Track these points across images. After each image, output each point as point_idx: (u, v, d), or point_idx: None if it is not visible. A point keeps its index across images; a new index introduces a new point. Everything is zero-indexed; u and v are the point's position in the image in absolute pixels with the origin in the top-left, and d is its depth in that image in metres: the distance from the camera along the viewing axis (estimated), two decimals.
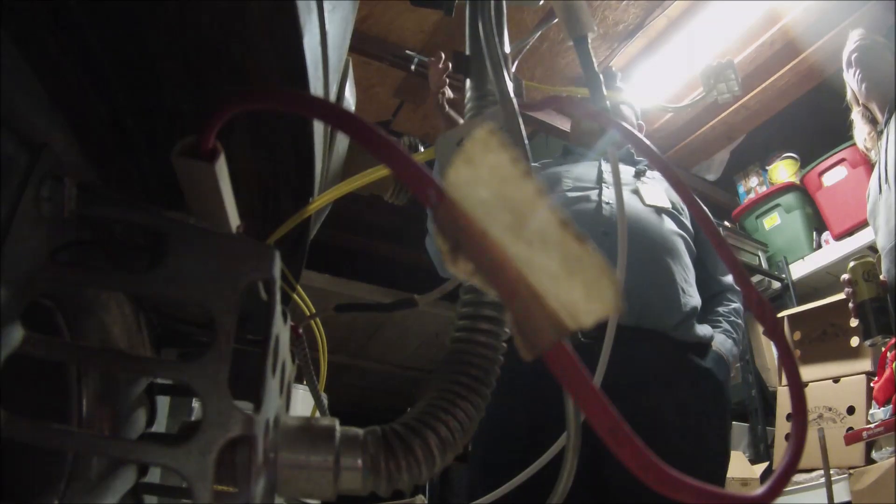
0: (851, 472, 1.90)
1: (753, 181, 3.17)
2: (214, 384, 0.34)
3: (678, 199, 1.54)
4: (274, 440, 0.38)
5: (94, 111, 0.48)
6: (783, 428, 2.36)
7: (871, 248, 2.36)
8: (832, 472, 1.87)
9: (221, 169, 0.40)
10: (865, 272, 1.66)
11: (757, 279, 2.89)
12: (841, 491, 1.88)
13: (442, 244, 0.27)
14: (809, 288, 2.89)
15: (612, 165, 0.69)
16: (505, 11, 0.62)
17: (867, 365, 2.22)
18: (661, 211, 1.49)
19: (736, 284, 1.54)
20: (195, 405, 1.27)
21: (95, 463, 0.53)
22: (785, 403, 2.39)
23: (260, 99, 0.38)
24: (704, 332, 1.42)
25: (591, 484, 1.25)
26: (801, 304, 2.66)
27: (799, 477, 2.09)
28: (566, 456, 0.49)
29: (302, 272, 0.66)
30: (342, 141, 0.71)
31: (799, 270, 2.85)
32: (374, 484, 0.40)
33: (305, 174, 0.54)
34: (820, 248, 2.85)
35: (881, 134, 1.75)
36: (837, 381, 2.27)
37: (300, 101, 0.37)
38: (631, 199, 1.48)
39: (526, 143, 0.53)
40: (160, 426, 0.70)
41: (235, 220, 0.45)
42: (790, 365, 0.43)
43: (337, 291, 2.63)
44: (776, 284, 2.89)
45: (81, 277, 0.42)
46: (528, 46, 1.21)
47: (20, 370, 0.38)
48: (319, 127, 0.52)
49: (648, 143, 0.53)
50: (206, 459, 0.33)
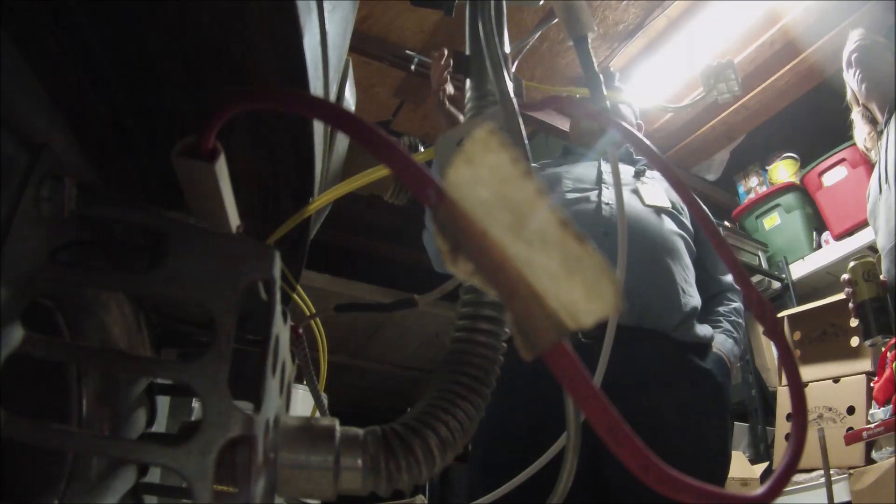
0: (851, 472, 1.90)
1: (753, 181, 3.17)
2: (214, 384, 0.34)
3: (678, 198, 1.54)
4: (274, 440, 0.38)
5: (94, 111, 0.48)
6: (783, 428, 2.36)
7: (871, 248, 2.36)
8: (832, 472, 1.87)
9: (221, 169, 0.40)
10: (865, 272, 1.66)
11: (757, 279, 2.89)
12: (841, 491, 1.88)
13: (442, 244, 0.27)
14: (809, 288, 2.89)
15: (612, 165, 0.69)
16: (505, 11, 0.62)
17: (867, 365, 2.22)
18: (660, 211, 1.49)
19: (736, 284, 1.54)
20: (195, 405, 1.27)
21: (95, 463, 0.53)
22: (785, 403, 2.39)
23: (260, 99, 0.38)
24: (704, 332, 1.42)
25: (591, 484, 1.25)
26: (801, 304, 2.66)
27: (799, 477, 2.09)
28: (566, 456, 0.49)
29: (302, 272, 0.66)
30: (342, 141, 0.71)
31: (799, 270, 2.85)
32: (374, 484, 0.40)
33: (305, 174, 0.54)
34: (820, 248, 2.85)
35: (881, 134, 1.75)
36: (837, 381, 2.27)
37: (300, 101, 0.37)
38: (631, 199, 1.47)
39: (526, 143, 0.53)
40: (160, 426, 0.70)
41: (235, 220, 0.45)
42: (790, 365, 0.43)
43: (337, 291, 2.63)
44: (776, 284, 2.89)
45: (81, 277, 0.42)
46: (528, 46, 1.21)
47: (20, 370, 0.38)
48: (319, 127, 0.52)
49: (648, 142, 0.53)
50: (206, 459, 0.33)
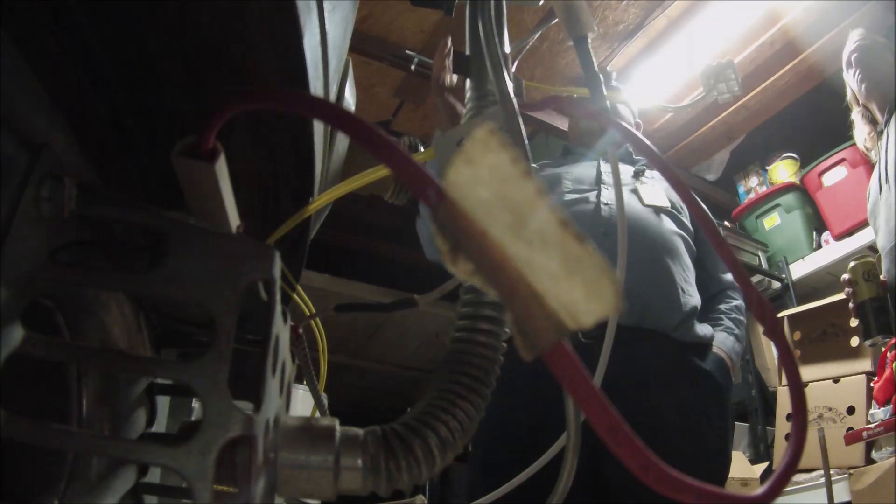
0: (851, 472, 1.90)
1: (753, 181, 3.17)
2: (214, 384, 0.34)
3: (677, 198, 1.54)
4: (274, 440, 0.38)
5: (94, 111, 0.48)
6: (783, 428, 2.36)
7: (871, 248, 2.36)
8: (832, 472, 1.87)
9: (221, 169, 0.40)
10: (866, 272, 1.66)
11: (757, 279, 2.89)
12: (841, 491, 1.88)
13: (442, 244, 0.27)
14: (809, 288, 2.89)
15: (611, 166, 0.69)
16: (505, 11, 0.62)
17: (867, 365, 2.22)
18: (660, 211, 1.49)
19: (736, 284, 1.54)
20: (195, 405, 1.27)
21: (95, 463, 0.53)
22: (785, 403, 2.39)
23: (260, 99, 0.38)
24: (704, 332, 1.42)
25: (591, 484, 1.25)
26: (801, 304, 2.66)
27: (799, 477, 2.09)
28: (566, 456, 0.49)
29: (302, 272, 0.66)
30: (342, 141, 0.71)
31: (799, 270, 2.85)
32: (374, 484, 0.40)
33: (305, 174, 0.54)
34: (820, 248, 2.85)
35: (881, 134, 1.75)
36: (837, 381, 2.27)
37: (300, 101, 0.37)
38: (630, 199, 1.47)
39: (526, 143, 0.53)
40: (160, 426, 0.70)
41: (235, 220, 0.45)
42: (790, 365, 0.43)
43: (337, 291, 2.63)
44: (776, 284, 2.89)
45: (81, 277, 0.42)
46: (528, 46, 1.21)
47: (20, 370, 0.38)
48: (319, 127, 0.52)
49: (648, 142, 0.53)
50: (206, 459, 0.33)
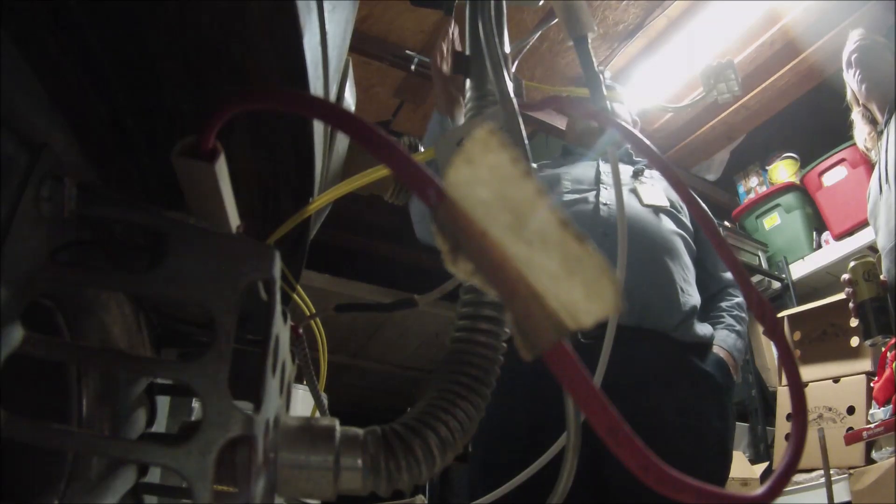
0: (851, 472, 1.90)
1: (753, 181, 3.17)
2: (214, 384, 0.34)
3: (677, 197, 1.54)
4: (274, 440, 0.38)
5: (94, 111, 0.48)
6: (783, 428, 2.36)
7: (871, 248, 2.36)
8: (832, 472, 1.87)
9: (221, 169, 0.40)
10: (866, 272, 1.66)
11: (757, 279, 2.89)
12: (841, 491, 1.88)
13: (442, 244, 0.27)
14: (809, 288, 2.89)
15: (611, 166, 0.69)
16: (505, 11, 0.62)
17: (867, 365, 2.22)
18: (659, 210, 1.49)
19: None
20: (195, 405, 1.27)
21: (95, 463, 0.53)
22: (785, 403, 2.39)
23: (260, 99, 0.38)
24: (704, 331, 1.42)
25: (591, 484, 1.25)
26: (801, 304, 2.66)
27: (799, 477, 2.09)
28: (566, 456, 0.49)
29: (302, 272, 0.66)
30: (342, 141, 0.71)
31: (799, 270, 2.85)
32: (374, 484, 0.40)
33: (305, 174, 0.54)
34: (820, 248, 2.85)
35: (881, 134, 1.75)
36: (837, 381, 2.27)
37: (300, 101, 0.37)
38: (629, 198, 1.47)
39: (526, 143, 0.53)
40: (160, 426, 0.70)
41: (235, 220, 0.45)
42: (790, 365, 0.43)
43: (337, 291, 2.63)
44: (776, 284, 2.89)
45: (81, 277, 0.42)
46: (528, 46, 1.21)
47: (20, 370, 0.38)
48: (319, 127, 0.52)
49: (647, 142, 0.53)
50: (206, 459, 0.33)
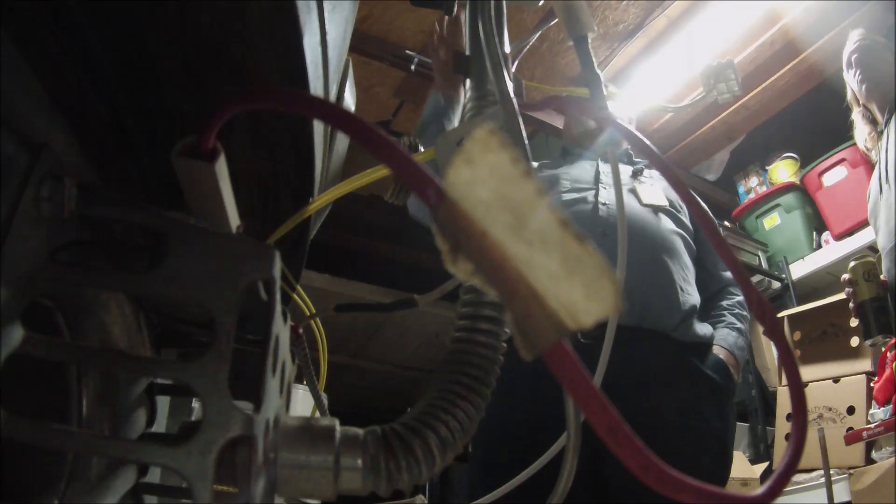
0: (851, 472, 1.90)
1: (753, 181, 3.17)
2: (214, 384, 0.34)
3: (676, 197, 1.54)
4: (274, 440, 0.38)
5: (94, 111, 0.48)
6: (783, 428, 2.36)
7: (871, 248, 2.36)
8: (832, 472, 1.87)
9: (221, 169, 0.40)
10: (866, 272, 1.66)
11: (757, 279, 2.89)
12: (841, 491, 1.88)
13: (442, 244, 0.27)
14: (809, 288, 2.89)
15: (612, 165, 0.69)
16: (505, 11, 0.62)
17: (867, 365, 2.22)
18: (658, 210, 1.49)
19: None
20: (195, 405, 1.27)
21: (95, 463, 0.53)
22: (785, 403, 2.39)
23: (260, 99, 0.38)
24: (704, 331, 1.42)
25: (591, 484, 1.25)
26: (801, 304, 2.66)
27: (799, 477, 2.09)
28: (566, 456, 0.49)
29: (302, 272, 0.66)
30: (342, 141, 0.71)
31: (799, 270, 2.85)
32: (374, 484, 0.40)
33: (305, 174, 0.54)
34: (820, 248, 2.85)
35: (881, 134, 1.75)
36: (837, 381, 2.27)
37: (300, 101, 0.37)
38: (628, 198, 1.47)
39: (526, 143, 0.53)
40: (160, 426, 0.70)
41: (235, 220, 0.45)
42: (790, 365, 0.43)
43: (337, 291, 2.63)
44: (776, 284, 2.89)
45: (81, 277, 0.42)
46: (528, 46, 1.21)
47: (20, 370, 0.38)
48: (319, 127, 0.52)
49: (647, 142, 0.53)
50: (206, 459, 0.33)
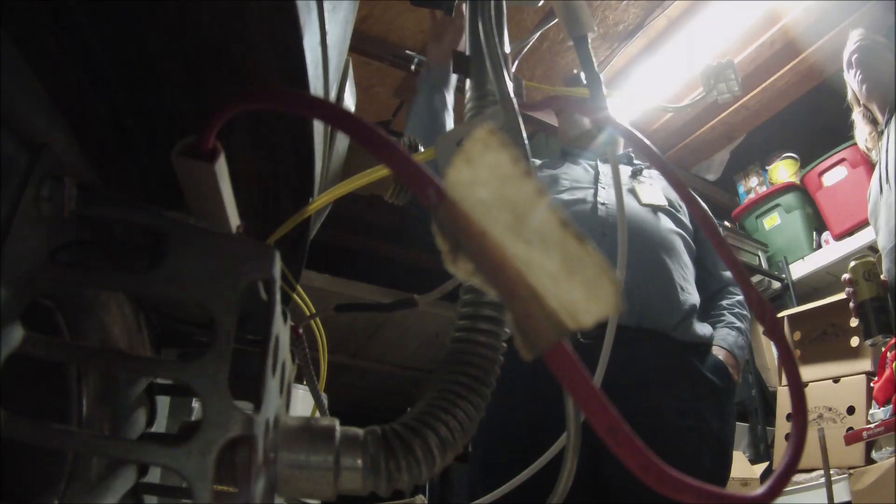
0: (851, 472, 1.90)
1: (753, 181, 3.17)
2: (214, 384, 0.34)
3: (676, 196, 1.54)
4: (274, 440, 0.38)
5: (94, 111, 0.48)
6: (783, 428, 2.36)
7: (871, 247, 2.36)
8: (832, 472, 1.87)
9: (221, 169, 0.40)
10: (866, 272, 1.66)
11: (757, 279, 2.89)
12: (841, 491, 1.88)
13: (442, 244, 0.27)
14: (809, 288, 2.89)
15: (611, 166, 0.69)
16: (505, 11, 0.62)
17: (867, 365, 2.22)
18: (657, 209, 1.49)
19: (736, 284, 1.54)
20: (195, 405, 1.27)
21: (95, 463, 0.53)
22: (785, 403, 2.39)
23: (260, 99, 0.38)
24: (704, 331, 1.42)
25: (591, 484, 1.25)
26: (801, 304, 2.66)
27: (799, 477, 2.09)
28: (566, 456, 0.49)
29: (302, 272, 0.66)
30: (342, 141, 0.70)
31: (799, 270, 2.85)
32: (374, 484, 0.40)
33: (305, 174, 0.54)
34: (820, 248, 2.85)
35: (882, 134, 1.75)
36: (837, 381, 2.27)
37: (300, 101, 0.37)
38: (627, 198, 1.47)
39: (526, 143, 0.53)
40: (160, 426, 0.70)
41: (235, 220, 0.45)
42: (790, 365, 0.43)
43: (337, 291, 2.63)
44: (776, 284, 2.89)
45: (81, 277, 0.42)
46: (528, 46, 1.21)
47: (20, 370, 0.38)
48: (319, 127, 0.52)
49: (647, 141, 0.53)
50: (206, 459, 0.33)
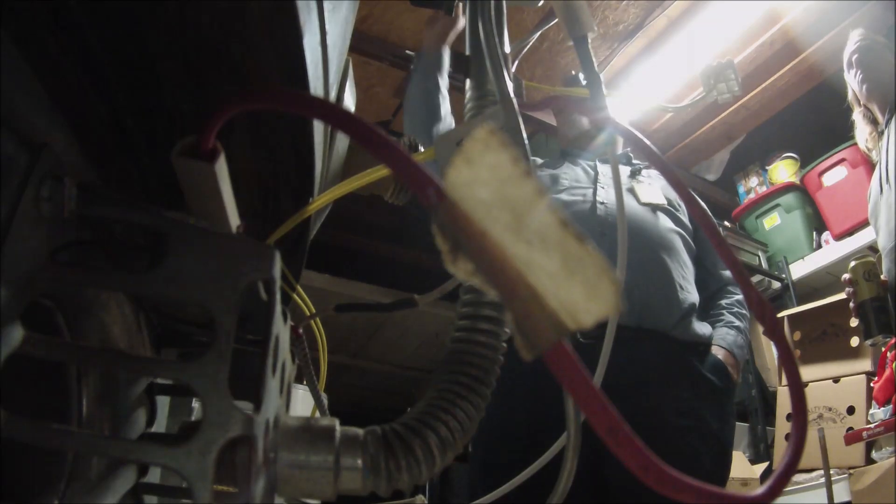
0: (851, 472, 1.90)
1: (753, 181, 3.17)
2: (214, 384, 0.34)
3: (675, 195, 1.54)
4: (274, 440, 0.38)
5: (94, 111, 0.48)
6: (783, 428, 2.36)
7: (871, 247, 2.36)
8: (832, 472, 1.87)
9: (221, 169, 0.40)
10: (866, 272, 1.66)
11: (757, 279, 2.89)
12: (841, 491, 1.88)
13: (442, 244, 0.27)
14: (809, 288, 2.89)
15: (611, 165, 0.69)
16: (505, 11, 0.62)
17: (867, 365, 2.22)
18: (656, 208, 1.50)
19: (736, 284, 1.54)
20: (195, 405, 1.27)
21: (95, 463, 0.53)
22: (785, 403, 2.39)
23: (260, 99, 0.38)
24: (703, 330, 1.42)
25: (591, 484, 1.25)
26: (801, 304, 2.66)
27: (799, 477, 2.09)
28: (566, 456, 0.49)
29: (302, 272, 0.66)
30: (342, 141, 0.70)
31: (799, 270, 2.85)
32: (374, 484, 0.40)
33: (305, 174, 0.54)
34: (820, 248, 2.85)
35: (882, 134, 1.75)
36: (837, 381, 2.27)
37: (300, 101, 0.37)
38: (626, 197, 1.46)
39: (526, 143, 0.53)
40: (160, 426, 0.70)
41: (235, 220, 0.45)
42: (790, 365, 0.43)
43: (337, 291, 2.63)
44: (776, 284, 2.89)
45: (81, 277, 0.42)
46: (528, 46, 1.21)
47: (20, 370, 0.38)
48: (319, 127, 0.52)
49: (646, 141, 0.53)
50: (206, 459, 0.33)
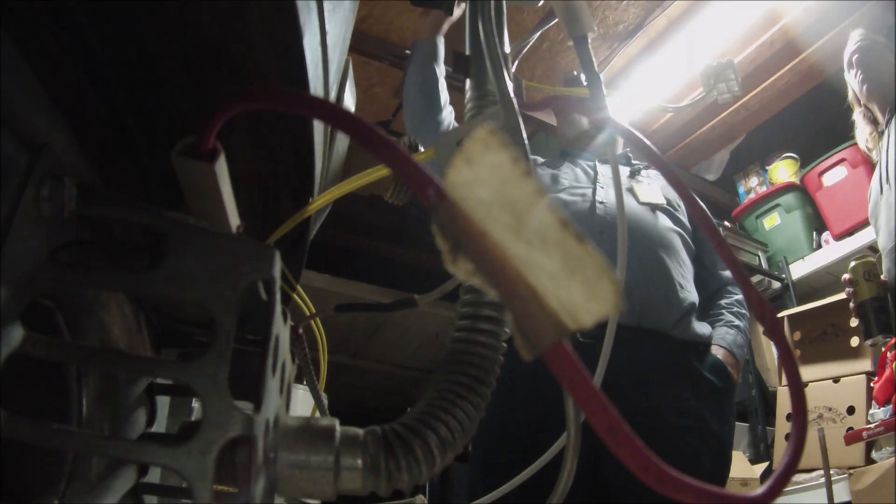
0: (851, 472, 1.90)
1: (753, 181, 3.17)
2: (214, 384, 0.34)
3: (675, 195, 1.54)
4: (274, 440, 0.38)
5: (94, 111, 0.48)
6: (783, 428, 2.36)
7: (871, 247, 2.36)
8: (832, 472, 1.87)
9: (221, 169, 0.40)
10: (866, 272, 1.66)
11: (757, 279, 2.89)
12: (841, 491, 1.88)
13: (442, 244, 0.27)
14: (809, 288, 2.89)
15: (611, 165, 0.69)
16: (505, 11, 0.62)
17: (867, 365, 2.22)
18: (655, 208, 1.50)
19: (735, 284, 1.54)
20: (195, 405, 1.27)
21: (95, 463, 0.53)
22: (785, 403, 2.39)
23: (260, 99, 0.38)
24: (703, 330, 1.42)
25: (591, 484, 1.25)
26: (801, 304, 2.66)
27: (799, 477, 2.09)
28: (566, 456, 0.49)
29: (302, 272, 0.66)
30: (342, 141, 0.71)
31: (799, 270, 2.85)
32: (374, 484, 0.40)
33: (305, 174, 0.54)
34: (820, 248, 2.85)
35: (882, 134, 1.75)
36: (837, 381, 2.27)
37: (300, 101, 0.37)
38: (625, 197, 1.47)
39: (526, 143, 0.53)
40: (160, 426, 0.70)
41: (235, 220, 0.45)
42: (790, 365, 0.43)
43: (337, 291, 2.63)
44: (776, 284, 2.89)
45: (81, 277, 0.42)
46: (528, 46, 1.21)
47: (20, 370, 0.38)
48: (319, 127, 0.52)
49: (647, 141, 0.53)
50: (206, 459, 0.33)
